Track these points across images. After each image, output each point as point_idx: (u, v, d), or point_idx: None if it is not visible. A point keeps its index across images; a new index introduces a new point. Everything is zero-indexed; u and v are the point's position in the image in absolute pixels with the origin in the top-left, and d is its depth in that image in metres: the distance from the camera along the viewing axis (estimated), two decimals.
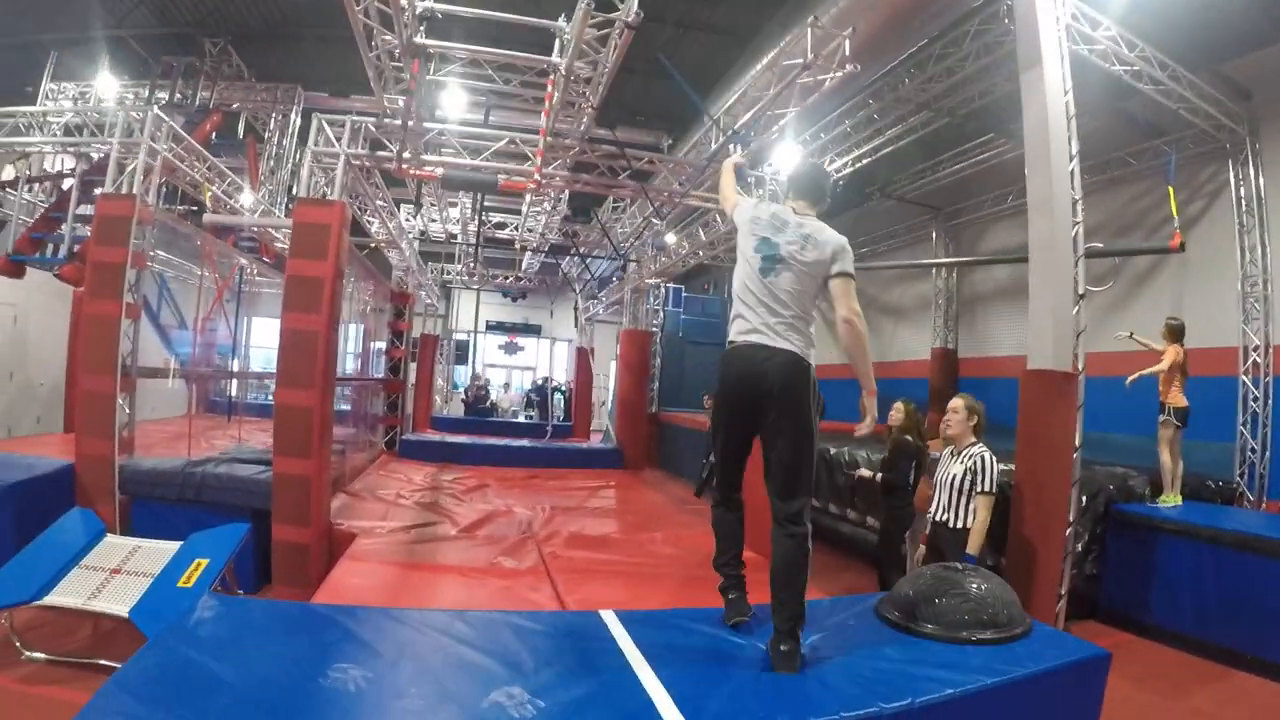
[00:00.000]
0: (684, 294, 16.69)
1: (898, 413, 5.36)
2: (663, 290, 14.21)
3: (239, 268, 8.16)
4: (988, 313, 10.19)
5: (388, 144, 5.55)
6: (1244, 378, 6.16)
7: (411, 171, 5.32)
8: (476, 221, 8.45)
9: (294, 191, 8.50)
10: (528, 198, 8.86)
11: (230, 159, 7.99)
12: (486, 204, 9.35)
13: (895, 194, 10.57)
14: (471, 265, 13.44)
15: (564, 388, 19.36)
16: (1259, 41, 6.18)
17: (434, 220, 9.88)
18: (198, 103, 7.28)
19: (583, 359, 16.21)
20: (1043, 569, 4.56)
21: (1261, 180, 6.31)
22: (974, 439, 4.40)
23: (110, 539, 4.25)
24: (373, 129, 5.54)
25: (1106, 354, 7.47)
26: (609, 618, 2.84)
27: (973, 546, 4.19)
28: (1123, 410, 6.08)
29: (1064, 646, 2.87)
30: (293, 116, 7.84)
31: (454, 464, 10.10)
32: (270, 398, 10.64)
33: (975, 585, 2.95)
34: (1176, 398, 5.40)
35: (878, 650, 2.59)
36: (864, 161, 9.01)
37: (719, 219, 8.00)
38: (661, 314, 14.53)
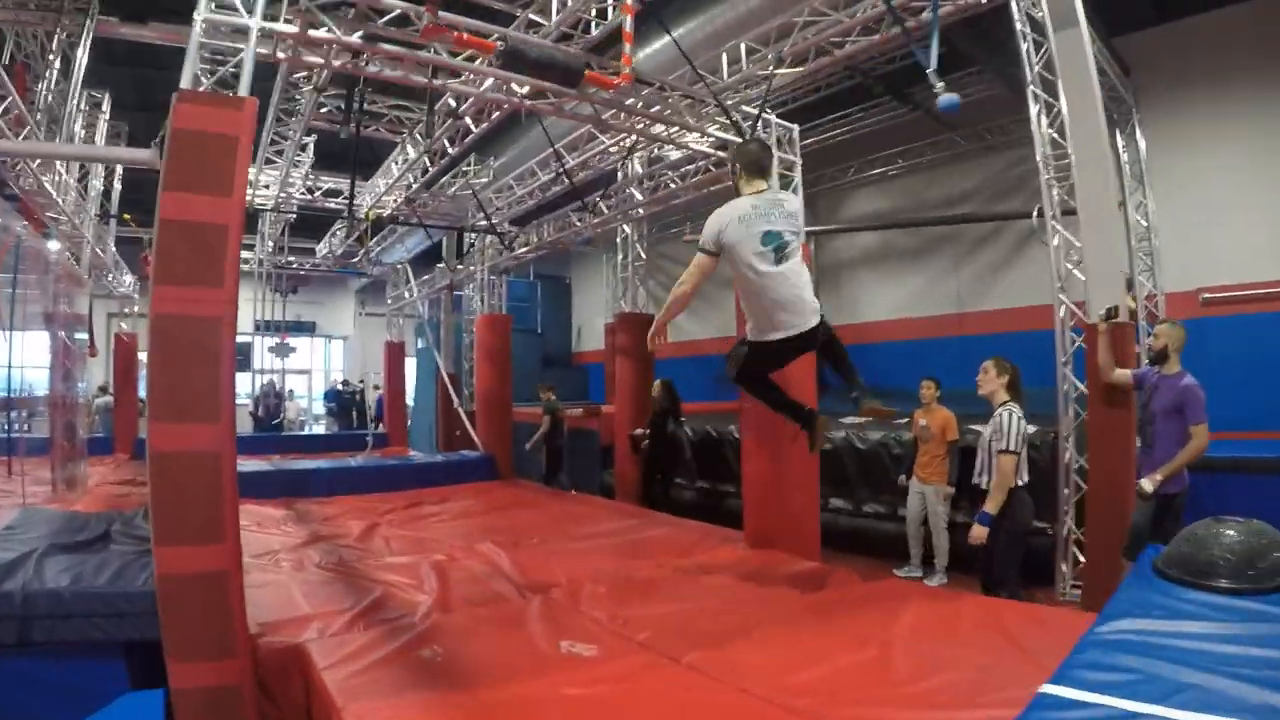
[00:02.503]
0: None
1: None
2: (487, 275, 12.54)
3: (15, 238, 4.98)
4: (854, 279, 10.54)
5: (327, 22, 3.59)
6: (1142, 322, 7.05)
7: (463, 36, 3.30)
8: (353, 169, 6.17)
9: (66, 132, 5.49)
10: (409, 149, 6.90)
11: None
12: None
13: None
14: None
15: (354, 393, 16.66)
16: (1141, 22, 7.04)
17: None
18: None
19: (394, 356, 13.89)
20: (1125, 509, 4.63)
21: (1144, 146, 7.23)
22: (1006, 398, 4.25)
23: None
24: None
25: (1005, 311, 8.11)
26: None
27: (991, 504, 3.98)
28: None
29: None
30: (83, 41, 5.04)
31: (299, 497, 7.70)
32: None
33: (1239, 530, 2.66)
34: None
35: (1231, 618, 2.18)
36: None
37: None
38: (481, 300, 12.85)
